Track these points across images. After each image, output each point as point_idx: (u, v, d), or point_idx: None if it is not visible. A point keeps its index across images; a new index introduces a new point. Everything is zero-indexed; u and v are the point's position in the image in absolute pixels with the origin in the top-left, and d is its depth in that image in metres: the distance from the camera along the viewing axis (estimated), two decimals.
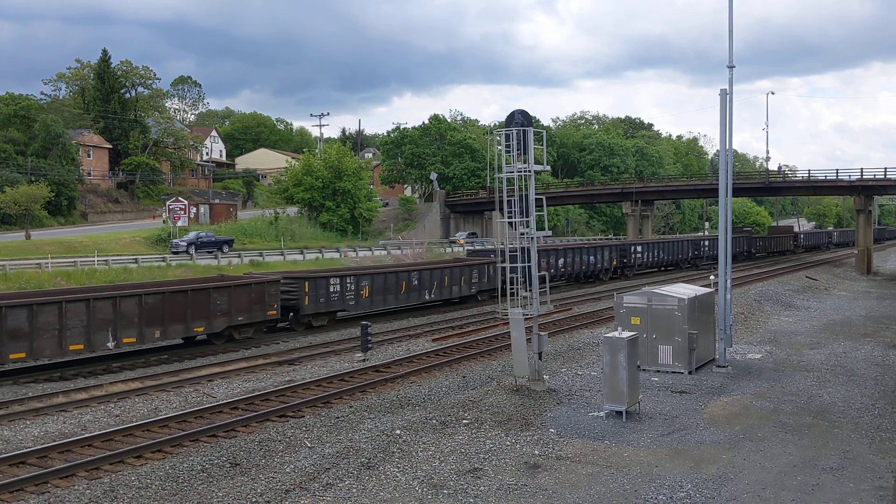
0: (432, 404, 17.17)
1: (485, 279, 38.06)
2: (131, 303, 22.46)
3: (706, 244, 65.74)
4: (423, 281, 34.05)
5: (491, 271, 37.83)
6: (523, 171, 17.95)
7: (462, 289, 36.63)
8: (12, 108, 79.85)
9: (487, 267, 38.28)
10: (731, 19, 22.10)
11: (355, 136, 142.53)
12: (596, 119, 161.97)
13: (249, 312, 25.95)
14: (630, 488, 12.12)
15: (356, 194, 74.70)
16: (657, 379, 19.79)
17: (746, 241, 74.90)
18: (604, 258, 51.02)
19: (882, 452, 14.04)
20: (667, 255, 59.83)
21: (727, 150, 21.86)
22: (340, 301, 29.70)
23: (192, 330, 24.44)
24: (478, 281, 37.63)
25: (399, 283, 32.72)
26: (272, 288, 26.92)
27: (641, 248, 56.56)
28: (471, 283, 37.14)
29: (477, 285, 37.56)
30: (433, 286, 34.65)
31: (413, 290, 33.45)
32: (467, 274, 36.97)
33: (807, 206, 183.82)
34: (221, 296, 25.06)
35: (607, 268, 51.61)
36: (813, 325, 31.41)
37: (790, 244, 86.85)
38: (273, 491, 11.89)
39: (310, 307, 28.41)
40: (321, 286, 28.76)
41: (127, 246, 55.45)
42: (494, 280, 36.94)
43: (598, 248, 51.72)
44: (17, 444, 14.60)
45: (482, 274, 37.99)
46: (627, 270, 54.16)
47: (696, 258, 63.56)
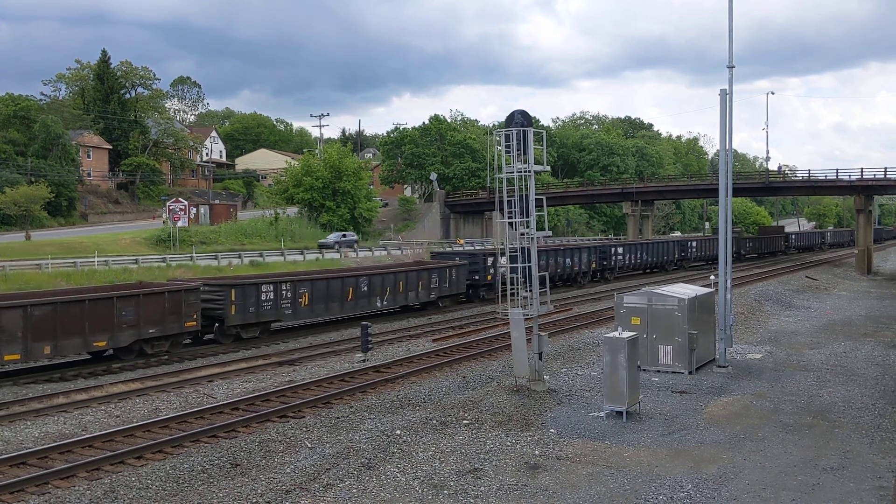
0: (432, 404, 17.18)
1: (446, 284, 35.17)
2: (14, 315, 19.94)
3: (693, 245, 64.20)
4: (374, 287, 31.10)
5: (453, 275, 35.66)
6: (523, 172, 17.96)
7: (420, 294, 33.71)
8: (12, 108, 79.85)
9: (449, 270, 35.65)
10: (731, 19, 22.12)
11: (355, 136, 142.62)
12: (596, 119, 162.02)
13: (162, 324, 23.31)
14: (630, 488, 12.12)
15: (356, 194, 74.75)
16: (657, 379, 19.79)
17: (735, 242, 73.43)
18: (581, 261, 48.06)
19: (882, 452, 14.05)
20: (651, 256, 57.38)
21: (727, 150, 21.86)
22: (274, 310, 26.83)
23: (91, 345, 21.73)
24: (438, 286, 34.63)
25: (345, 290, 29.75)
26: (190, 296, 24.27)
27: (623, 249, 53.70)
28: (430, 289, 34.21)
29: (437, 290, 34.64)
30: (386, 292, 31.69)
31: (362, 297, 30.51)
32: (426, 278, 33.96)
33: (807, 206, 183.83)
34: (128, 306, 22.41)
35: (585, 271, 48.71)
36: (813, 324, 31.41)
37: (781, 245, 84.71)
38: (273, 491, 11.89)
39: (236, 317, 25.62)
40: (250, 294, 26.02)
41: (127, 246, 55.47)
42: (458, 284, 35.81)
43: (575, 251, 48.53)
44: (18, 445, 14.61)
45: (443, 278, 35.07)
46: (608, 273, 51.55)
47: (683, 259, 61.73)
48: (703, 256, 64.30)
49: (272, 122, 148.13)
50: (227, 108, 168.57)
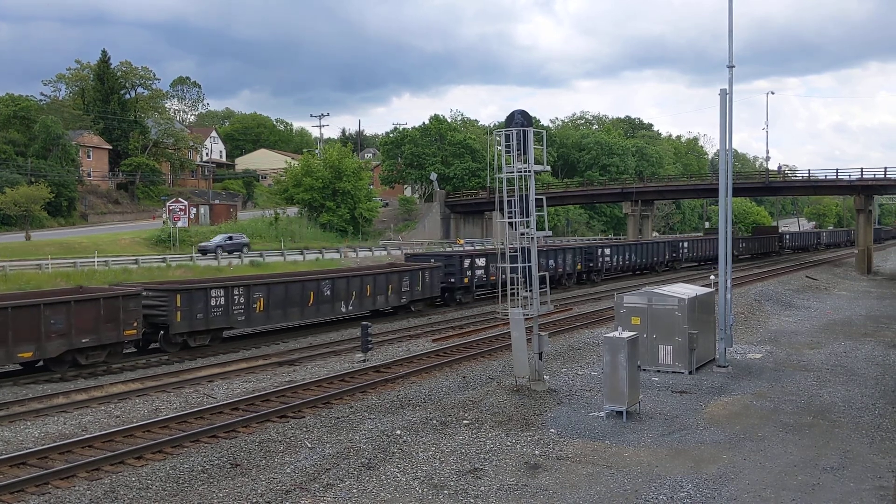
0: (432, 404, 17.17)
1: (418, 287, 33.45)
2: None
3: (685, 246, 62.70)
4: (338, 291, 29.38)
5: (427, 278, 33.93)
6: (523, 172, 17.96)
7: (390, 298, 32.00)
8: (12, 108, 79.88)
9: (422, 273, 33.89)
10: (731, 19, 22.12)
11: (355, 136, 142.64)
12: (596, 119, 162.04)
13: (98, 333, 21.59)
14: (630, 488, 12.12)
15: (356, 195, 74.73)
16: (657, 379, 19.79)
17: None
18: (566, 262, 45.97)
19: (882, 452, 14.04)
20: (640, 258, 55.43)
21: (727, 149, 21.86)
22: (225, 317, 25.19)
23: (15, 356, 20.11)
24: (409, 289, 32.91)
25: (305, 294, 28.10)
26: (130, 303, 22.54)
27: (611, 250, 51.72)
28: (400, 293, 32.42)
29: (409, 294, 32.93)
30: (351, 297, 29.97)
31: (324, 301, 28.79)
32: (396, 282, 32.21)
33: (807, 206, 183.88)
34: (57, 314, 20.70)
35: (570, 273, 46.58)
36: (813, 324, 31.41)
37: (776, 245, 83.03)
38: (273, 491, 11.89)
39: (182, 325, 24.01)
40: (198, 299, 24.39)
41: (127, 247, 55.47)
42: (432, 287, 34.33)
43: (559, 252, 46.20)
44: (18, 445, 14.61)
45: (415, 281, 33.32)
46: (595, 276, 49.71)
47: (674, 261, 60.08)
48: (696, 257, 63.25)
49: (272, 123, 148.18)
50: (227, 108, 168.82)
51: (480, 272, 38.13)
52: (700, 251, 64.21)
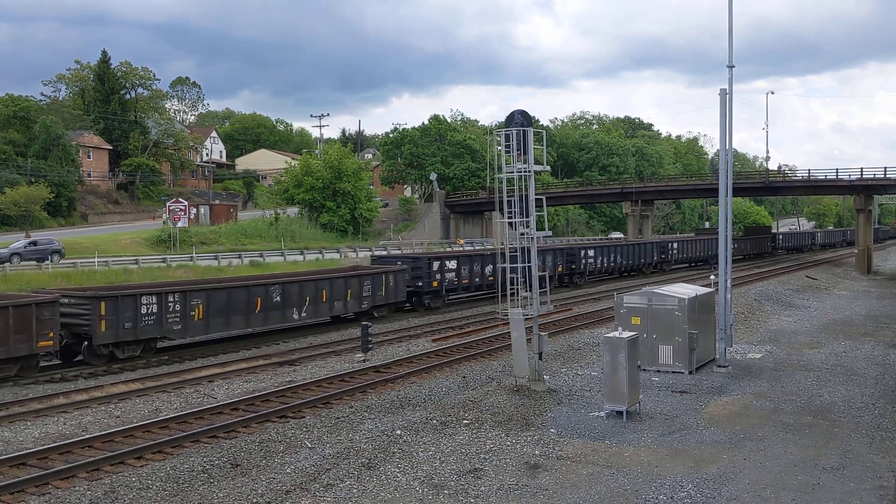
0: (432, 404, 17.18)
1: (381, 292, 31.18)
2: None
3: (674, 247, 60.27)
4: (290, 296, 27.42)
5: (391, 282, 31.79)
6: (523, 172, 17.96)
7: (349, 304, 29.80)
8: (12, 109, 79.90)
9: (386, 277, 31.65)
10: (731, 19, 22.13)
11: (355, 136, 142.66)
12: (596, 119, 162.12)
13: (6, 345, 19.53)
14: (631, 488, 12.12)
15: (356, 195, 74.77)
16: (657, 379, 19.79)
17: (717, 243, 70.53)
18: (545, 265, 41.46)
19: (882, 452, 14.05)
20: (626, 259, 52.93)
21: (727, 149, 21.86)
22: (157, 326, 23.21)
23: None
24: (371, 294, 30.62)
25: (252, 301, 26.04)
26: (45, 311, 20.43)
27: (594, 252, 49.01)
28: (361, 298, 30.19)
29: (371, 299, 30.66)
30: (305, 302, 27.94)
31: (274, 308, 26.78)
32: (356, 286, 29.97)
33: (807, 206, 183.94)
34: None
35: (550, 276, 44.50)
36: (813, 324, 31.41)
37: (768, 246, 79.83)
38: (274, 491, 11.89)
39: (108, 335, 21.95)
40: (126, 307, 22.33)
41: (127, 247, 55.48)
42: (396, 292, 32.22)
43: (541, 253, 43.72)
44: (18, 446, 14.61)
45: (378, 285, 31.07)
46: (577, 278, 47.31)
47: (663, 262, 57.70)
48: (686, 258, 61.39)
49: (272, 123, 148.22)
50: (227, 108, 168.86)
51: (451, 275, 36.17)
52: (691, 252, 62.29)
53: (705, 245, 63.80)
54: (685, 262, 61.75)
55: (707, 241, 64.20)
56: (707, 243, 63.82)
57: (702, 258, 63.14)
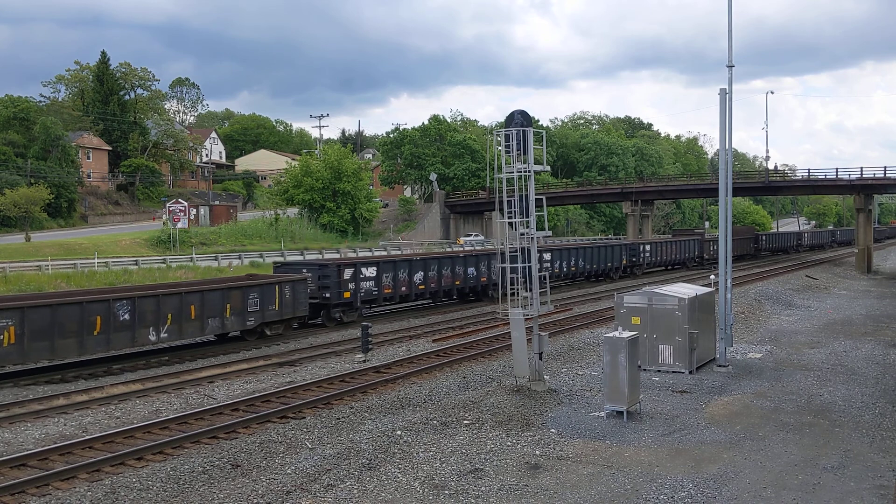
0: (433, 405, 17.17)
1: (273, 306, 26.37)
2: None
3: (647, 249, 55.18)
4: (143, 313, 22.47)
5: (287, 293, 26.96)
6: (523, 172, 17.96)
7: (228, 322, 24.94)
8: (11, 110, 79.95)
9: (280, 288, 26.71)
10: (731, 19, 22.12)
11: (355, 136, 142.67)
12: (596, 119, 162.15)
13: None
14: (631, 488, 12.12)
15: (356, 195, 74.78)
16: (658, 379, 19.79)
17: (698, 244, 62.91)
18: (493, 271, 37.73)
19: (883, 451, 14.05)
20: (591, 263, 48.00)
21: (727, 149, 21.85)
22: None
23: None
24: (259, 309, 25.83)
25: (87, 320, 21.14)
26: None
27: (552, 255, 43.92)
28: (245, 314, 25.39)
29: (259, 315, 25.85)
30: (165, 321, 23.04)
31: (121, 328, 21.92)
32: (237, 300, 25.23)
33: (807, 206, 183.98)
34: None
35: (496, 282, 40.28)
36: (813, 324, 31.41)
37: (751, 248, 74.70)
38: (274, 492, 11.89)
39: None
40: None
41: (127, 248, 55.48)
42: (295, 305, 27.35)
43: (483, 258, 38.51)
44: (18, 447, 14.60)
45: (269, 298, 26.25)
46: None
47: (633, 266, 53.49)
48: (660, 262, 57.24)
49: (272, 123, 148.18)
50: (227, 109, 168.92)
51: (369, 284, 31.37)
52: (666, 255, 57.69)
53: (682, 247, 60.39)
54: (661, 265, 58.06)
55: (685, 243, 60.89)
56: (685, 245, 60.60)
57: (679, 261, 59.67)
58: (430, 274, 34.62)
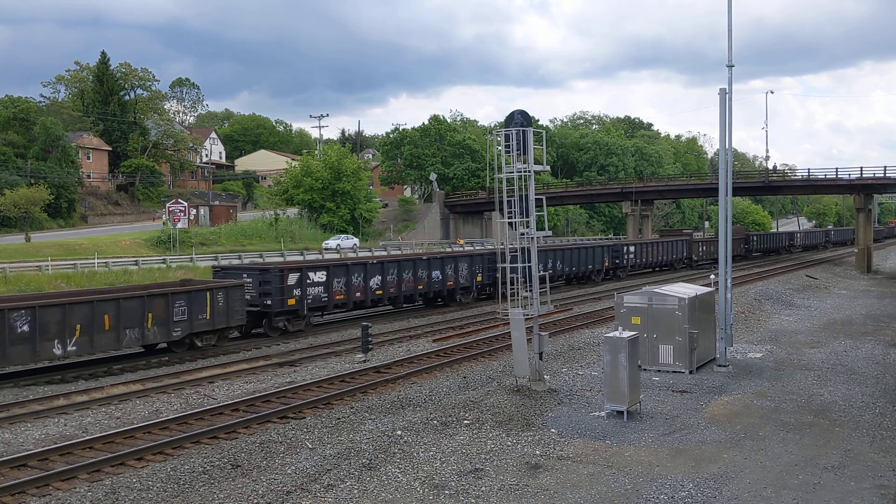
0: (433, 405, 17.17)
1: (203, 314, 24.04)
2: None
3: (630, 251, 52.27)
4: (46, 325, 20.22)
5: (220, 301, 24.51)
6: (523, 172, 17.96)
7: (149, 333, 22.69)
8: (11, 110, 79.96)
9: (212, 295, 24.31)
10: (731, 18, 22.13)
11: (354, 136, 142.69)
12: (596, 119, 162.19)
13: None
14: (631, 488, 12.12)
15: (356, 195, 74.82)
16: (658, 378, 19.79)
17: (686, 245, 60.71)
18: (459, 273, 35.81)
19: (883, 451, 14.05)
20: (569, 266, 45.04)
21: (727, 149, 21.86)
22: None
23: None
24: (187, 318, 23.57)
25: None
26: None
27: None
28: (170, 323, 23.12)
29: (187, 325, 23.65)
30: (73, 333, 20.82)
31: (18, 341, 19.71)
32: (160, 308, 22.89)
33: (807, 205, 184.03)
34: None
35: (465, 286, 36.44)
36: (813, 323, 31.41)
37: (741, 248, 70.72)
38: (274, 492, 11.89)
39: None
40: None
41: (127, 248, 55.49)
42: (230, 314, 24.87)
43: (449, 261, 35.74)
44: (18, 447, 14.60)
45: (198, 306, 23.93)
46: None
47: (616, 269, 50.63)
48: (646, 264, 54.71)
49: (271, 123, 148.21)
50: (227, 109, 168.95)
51: (318, 290, 28.76)
52: (652, 256, 55.03)
53: (669, 248, 57.99)
54: (646, 267, 55.45)
55: (672, 244, 58.60)
56: (672, 246, 58.26)
57: (666, 263, 57.46)
58: (388, 278, 32.11)
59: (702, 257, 62.43)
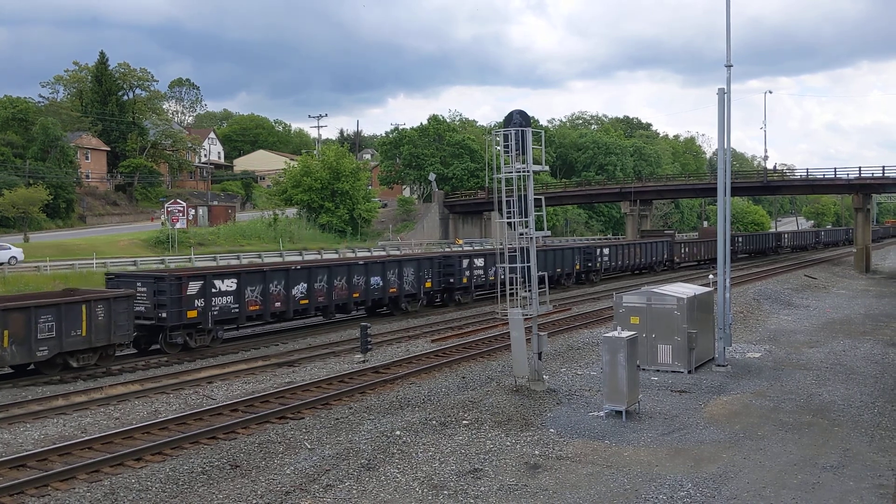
0: (432, 405, 17.17)
1: (78, 330, 20.97)
2: None
3: (604, 253, 48.73)
4: None
5: (100, 315, 21.45)
6: (522, 172, 17.96)
7: (5, 354, 19.54)
8: (10, 111, 79.88)
9: (89, 308, 21.22)
10: (729, 18, 22.14)
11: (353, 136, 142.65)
12: (595, 119, 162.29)
13: None
14: (630, 488, 12.12)
15: (354, 195, 74.78)
16: (657, 378, 19.79)
17: (667, 247, 57.72)
18: (404, 279, 32.53)
19: (882, 450, 14.06)
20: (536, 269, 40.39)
21: (725, 148, 21.86)
22: None
23: None
24: (56, 336, 20.45)
25: None
26: None
27: (485, 261, 37.09)
28: (33, 342, 19.96)
29: (55, 343, 20.44)
30: None
31: None
32: (19, 324, 19.76)
33: (805, 205, 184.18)
34: None
35: (411, 294, 33.13)
36: (812, 323, 31.43)
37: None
38: (273, 493, 11.88)
39: None
40: None
41: (125, 248, 55.47)
42: (112, 329, 21.75)
43: (394, 265, 32.51)
44: (17, 448, 14.59)
45: (72, 321, 20.83)
46: (459, 296, 36.06)
47: (588, 272, 47.08)
48: (622, 267, 51.55)
49: (270, 124, 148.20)
50: (226, 109, 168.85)
51: (226, 300, 25.25)
52: (630, 259, 52.05)
53: (649, 250, 55.10)
54: (623, 270, 52.68)
55: (651, 246, 55.63)
56: (651, 248, 55.36)
57: (645, 265, 54.88)
58: (316, 286, 28.55)
59: (684, 259, 59.93)
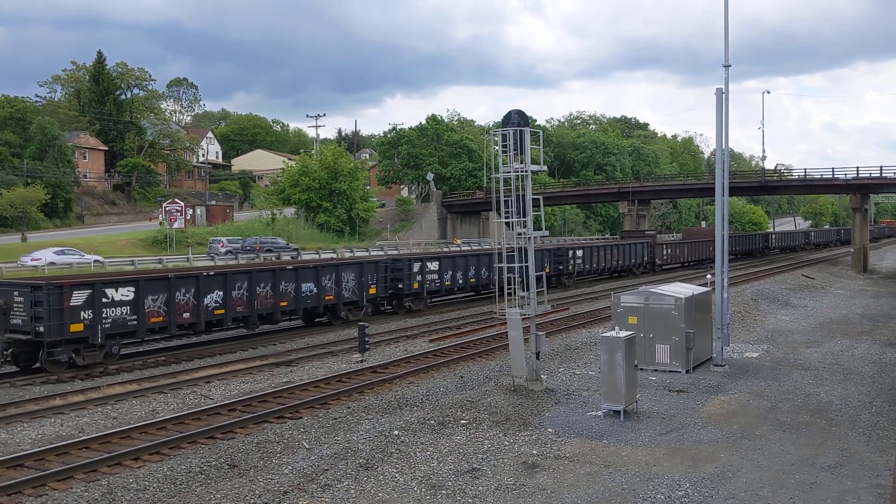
0: (430, 405, 17.16)
1: None
2: None
3: (577, 255, 45.43)
4: None
5: None
6: (520, 171, 17.96)
7: None
8: (8, 110, 79.83)
9: None
10: (727, 18, 22.14)
11: (351, 136, 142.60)
12: (593, 119, 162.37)
13: None
14: (628, 487, 12.12)
15: (352, 195, 74.81)
16: (655, 378, 19.80)
17: (648, 249, 54.81)
18: (343, 285, 29.38)
19: (880, 450, 14.06)
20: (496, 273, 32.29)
21: (724, 148, 21.87)
22: None
23: None
24: None
25: None
26: None
27: (440, 265, 34.46)
28: None
29: None
30: None
31: None
32: None
33: (803, 205, 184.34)
34: None
35: (352, 301, 29.97)
36: (810, 323, 31.46)
37: (710, 251, 57.95)
38: (271, 492, 11.87)
39: None
40: None
41: (123, 248, 55.44)
42: None
43: (330, 270, 29.18)
44: (15, 447, 14.56)
45: None
46: (411, 302, 33.29)
47: (560, 275, 43.44)
48: (597, 270, 48.43)
49: (268, 123, 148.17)
50: (224, 109, 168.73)
51: (121, 311, 21.92)
52: (606, 261, 49.05)
53: (628, 251, 52.10)
54: (599, 273, 49.42)
55: (631, 247, 52.52)
56: (631, 249, 52.28)
57: (624, 268, 51.88)
58: (234, 294, 25.31)
59: (666, 261, 57.23)
